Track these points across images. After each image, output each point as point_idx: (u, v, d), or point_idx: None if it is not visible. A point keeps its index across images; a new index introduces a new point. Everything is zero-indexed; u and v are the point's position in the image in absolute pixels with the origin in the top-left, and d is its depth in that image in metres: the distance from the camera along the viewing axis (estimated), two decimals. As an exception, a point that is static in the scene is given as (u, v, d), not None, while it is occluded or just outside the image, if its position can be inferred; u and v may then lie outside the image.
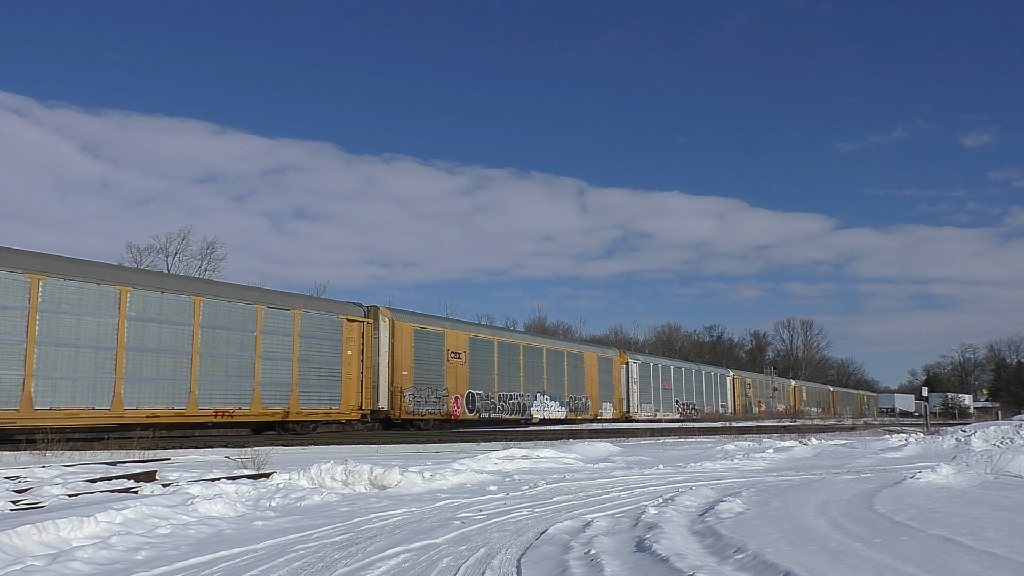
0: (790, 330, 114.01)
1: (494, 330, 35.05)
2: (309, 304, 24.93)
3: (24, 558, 5.81)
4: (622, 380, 44.02)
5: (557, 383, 37.52)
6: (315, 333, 24.32)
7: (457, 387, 30.36)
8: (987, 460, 12.36)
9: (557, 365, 37.71)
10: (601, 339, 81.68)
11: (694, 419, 49.22)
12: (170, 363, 20.37)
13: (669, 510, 8.08)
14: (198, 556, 6.20)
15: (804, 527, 6.88)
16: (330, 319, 25.01)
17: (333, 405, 24.76)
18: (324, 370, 24.54)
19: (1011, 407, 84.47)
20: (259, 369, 22.50)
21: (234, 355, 21.91)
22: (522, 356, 35.03)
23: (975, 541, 6.01)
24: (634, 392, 44.64)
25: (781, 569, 5.10)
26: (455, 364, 30.31)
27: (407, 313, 29.59)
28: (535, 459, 15.12)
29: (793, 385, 75.87)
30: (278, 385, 23.02)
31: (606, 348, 46.86)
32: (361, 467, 11.04)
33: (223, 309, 21.79)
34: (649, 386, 46.64)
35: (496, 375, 32.94)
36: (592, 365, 40.98)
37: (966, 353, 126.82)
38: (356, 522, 7.95)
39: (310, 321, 24.27)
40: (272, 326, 23.08)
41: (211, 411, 21.09)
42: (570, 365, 38.73)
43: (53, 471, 11.16)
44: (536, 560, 6.06)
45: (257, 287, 24.91)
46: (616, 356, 44.52)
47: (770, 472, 13.93)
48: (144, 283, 20.37)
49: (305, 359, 23.89)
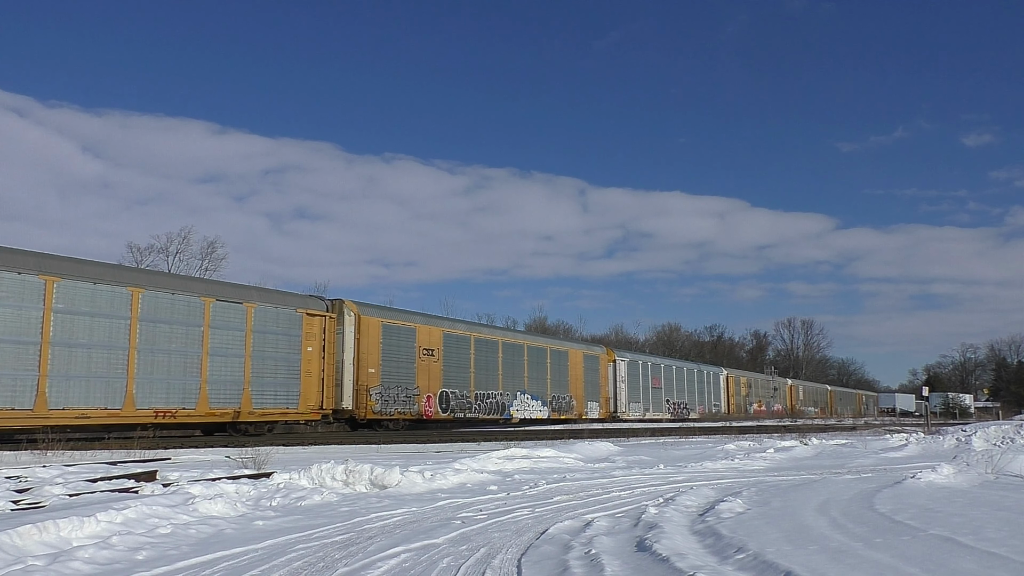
0: (791, 330, 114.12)
1: (470, 326, 33.57)
2: (264, 297, 23.60)
3: (25, 558, 5.81)
4: (609, 379, 42.61)
5: (539, 381, 36.13)
6: (271, 328, 22.91)
7: (429, 385, 28.97)
8: (988, 460, 12.36)
9: (539, 363, 36.34)
10: (601, 339, 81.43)
11: (685, 419, 48.23)
12: (103, 360, 18.92)
13: (669, 510, 8.08)
14: (199, 556, 6.20)
15: (805, 527, 6.88)
16: (287, 313, 23.59)
17: (291, 405, 23.35)
18: (281, 368, 23.14)
19: (1012, 407, 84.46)
20: (206, 366, 21.04)
21: (178, 351, 20.47)
22: (501, 353, 33.50)
23: (976, 541, 6.01)
24: (622, 391, 43.38)
25: (782, 569, 5.10)
26: (427, 361, 28.91)
27: (375, 307, 28.09)
28: (535, 459, 15.13)
29: (790, 384, 75.05)
30: (228, 383, 21.58)
31: (592, 345, 45.41)
32: (361, 467, 11.04)
33: (165, 302, 20.36)
34: (638, 385, 45.33)
35: (472, 373, 31.52)
36: (577, 363, 39.55)
37: (967, 353, 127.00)
38: (357, 522, 7.95)
39: (265, 315, 22.82)
40: (222, 320, 21.60)
41: (150, 411, 19.69)
42: (553, 363, 37.41)
43: (54, 471, 11.17)
44: (536, 560, 6.05)
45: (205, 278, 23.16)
46: (603, 354, 43.09)
47: (770, 472, 13.93)
48: (73, 273, 18.77)
49: (259, 356, 22.45)
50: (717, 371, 59.25)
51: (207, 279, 23.04)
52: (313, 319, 24.32)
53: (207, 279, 23.04)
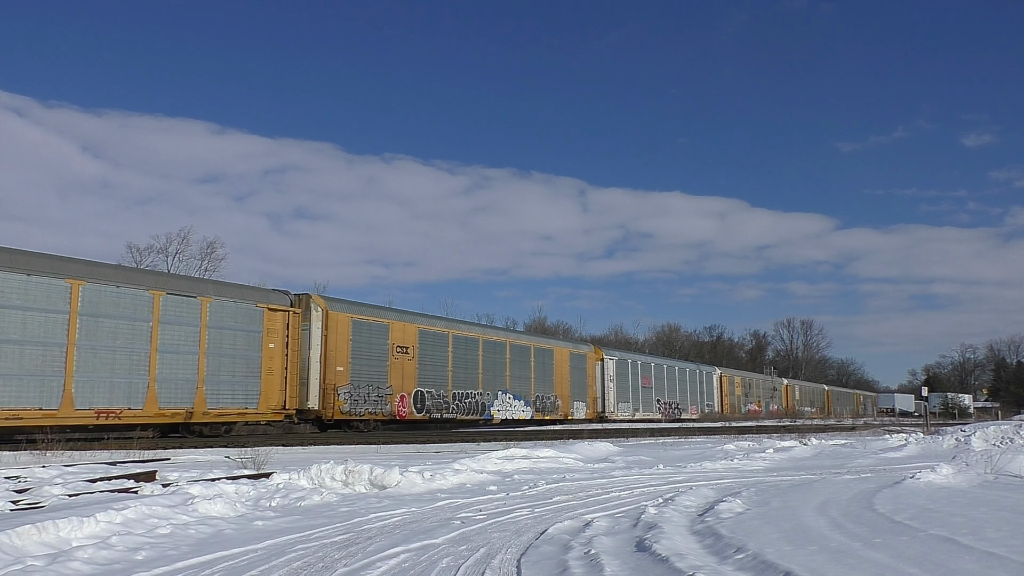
0: (790, 330, 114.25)
1: (449, 322, 32.26)
2: (221, 291, 22.26)
3: (24, 558, 5.81)
4: (597, 378, 41.49)
5: (522, 381, 34.88)
6: (228, 323, 21.76)
7: (403, 384, 27.76)
8: (987, 460, 12.36)
9: (522, 361, 35.07)
10: (601, 339, 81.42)
11: (677, 419, 47.38)
12: (38, 357, 17.91)
13: (669, 510, 8.07)
14: (198, 556, 6.20)
15: (804, 527, 6.88)
16: (247, 308, 22.38)
17: (250, 404, 22.18)
18: (239, 365, 21.95)
19: (1011, 407, 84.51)
20: (155, 364, 19.83)
21: (123, 348, 19.28)
22: (481, 351, 32.24)
23: (975, 541, 6.01)
24: (610, 391, 42.17)
25: (781, 569, 5.10)
26: (401, 359, 27.67)
27: (344, 302, 26.86)
28: (535, 459, 15.13)
29: (786, 384, 74.38)
30: (180, 382, 20.44)
31: (579, 344, 44.29)
32: (361, 467, 11.04)
33: (109, 295, 19.18)
34: (627, 384, 44.15)
35: (450, 371, 30.24)
36: (563, 362, 38.41)
37: (966, 353, 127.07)
38: (356, 522, 7.95)
39: (222, 310, 21.65)
40: (173, 315, 20.42)
41: (92, 412, 18.62)
42: (537, 361, 36.18)
43: (53, 471, 11.16)
44: (536, 560, 6.05)
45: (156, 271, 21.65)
46: (590, 352, 41.96)
47: (770, 472, 13.93)
48: (4, 264, 17.73)
49: (215, 353, 21.28)
50: (710, 370, 58.26)
51: (157, 271, 21.40)
52: (275, 314, 23.18)
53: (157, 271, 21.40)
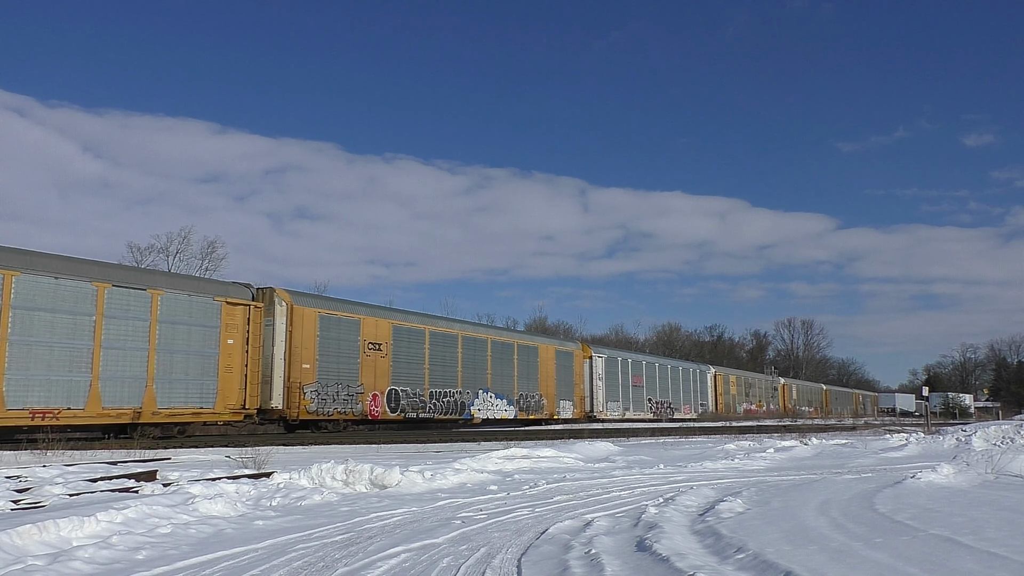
0: (791, 330, 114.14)
1: (425, 318, 30.86)
2: (174, 283, 21.04)
3: (25, 558, 5.81)
4: (585, 376, 40.14)
5: (504, 379, 33.56)
6: (182, 318, 20.41)
7: (376, 383, 26.48)
8: (988, 460, 12.35)
9: (505, 359, 33.80)
10: (601, 339, 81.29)
11: (669, 419, 46.41)
12: None
13: (669, 510, 8.07)
14: (199, 556, 6.20)
15: (805, 527, 6.88)
16: (203, 302, 21.06)
17: (206, 404, 20.90)
18: (194, 363, 20.62)
19: (1012, 407, 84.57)
20: (99, 361, 18.50)
21: (62, 343, 18.00)
22: (461, 348, 30.92)
23: (976, 541, 6.01)
24: (599, 389, 40.94)
25: (782, 569, 5.10)
26: (374, 356, 26.45)
27: (312, 296, 25.89)
28: (535, 459, 15.14)
29: (783, 383, 73.10)
30: (127, 380, 19.09)
31: (566, 341, 42.87)
32: (361, 467, 11.05)
33: (46, 287, 17.84)
34: (616, 383, 42.73)
35: (427, 369, 28.97)
36: (548, 359, 37.12)
37: (967, 353, 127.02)
38: (356, 522, 7.95)
39: (175, 304, 20.29)
40: (120, 309, 19.04)
41: (25, 412, 17.35)
42: (521, 359, 34.89)
43: (54, 471, 11.17)
44: (536, 560, 6.06)
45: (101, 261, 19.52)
46: (577, 349, 40.73)
47: (771, 472, 13.93)
48: None
49: (167, 349, 19.93)
50: (704, 369, 57.12)
51: (102, 262, 19.75)
52: (235, 309, 21.89)
53: (102, 262, 19.75)
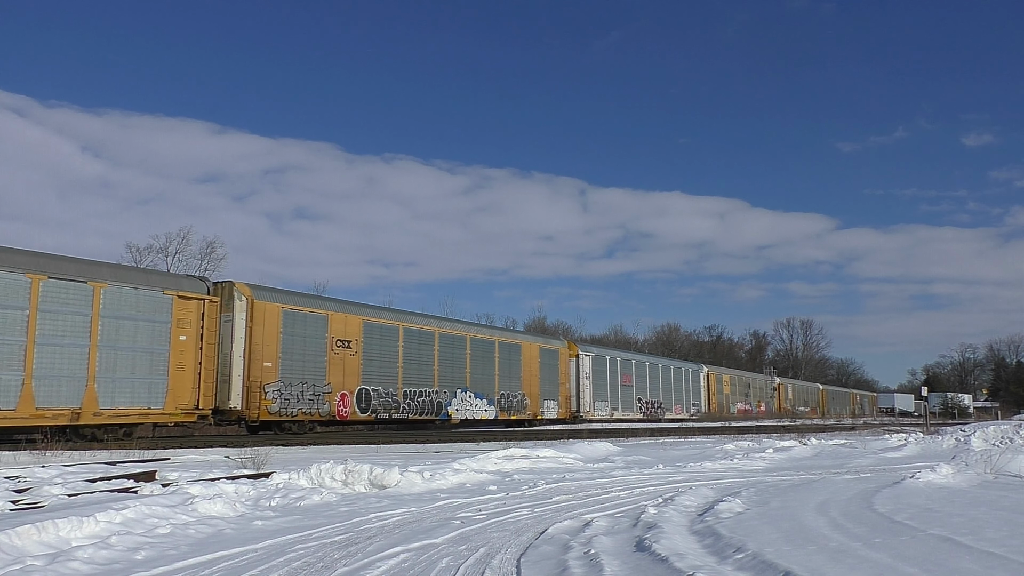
0: (790, 330, 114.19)
1: (399, 315, 29.30)
2: (119, 276, 19.48)
3: (24, 558, 5.81)
4: (571, 375, 38.95)
5: (484, 378, 32.35)
6: (128, 312, 19.11)
7: (344, 382, 25.32)
8: (987, 460, 12.36)
9: (485, 357, 32.61)
10: (600, 339, 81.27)
11: (659, 419, 45.30)
12: None
13: (669, 510, 8.08)
14: (198, 556, 6.20)
15: (804, 527, 6.89)
16: (152, 296, 19.75)
17: (154, 404, 19.67)
18: (142, 360, 19.33)
19: (1011, 407, 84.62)
20: (32, 358, 17.30)
21: None
22: (437, 345, 29.68)
23: (975, 541, 6.01)
24: (586, 389, 39.66)
25: (781, 569, 5.10)
26: (342, 354, 25.24)
27: (275, 291, 24.53)
28: (535, 459, 15.14)
29: (778, 383, 71.43)
30: (66, 379, 17.91)
31: (551, 338, 41.31)
32: (361, 467, 11.05)
33: None
34: (604, 382, 41.49)
35: (401, 368, 27.66)
36: (532, 357, 35.91)
37: (966, 353, 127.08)
38: (356, 522, 7.95)
39: (120, 297, 18.98)
40: (57, 303, 17.79)
41: None
42: (502, 357, 33.66)
43: (53, 471, 11.16)
44: (536, 560, 6.06)
45: (36, 252, 18.37)
46: (563, 347, 39.37)
47: (770, 472, 13.94)
48: None
49: (110, 345, 18.65)
50: (697, 368, 55.70)
51: (36, 252, 18.39)
52: (188, 303, 20.65)
53: (36, 252, 18.39)
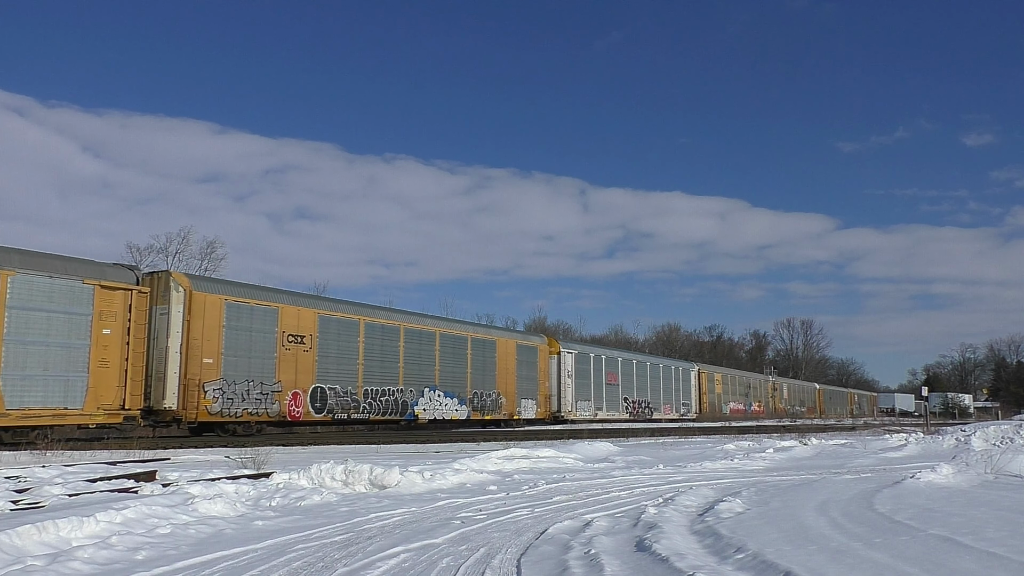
0: (790, 330, 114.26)
1: (359, 308, 27.59)
2: (30, 263, 17.60)
3: (24, 558, 5.81)
4: (552, 373, 37.55)
5: (456, 376, 30.86)
6: (40, 304, 17.45)
7: (297, 380, 23.80)
8: (987, 460, 12.36)
9: (456, 353, 31.10)
10: (600, 339, 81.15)
11: (647, 419, 44.05)
12: None
13: (669, 510, 8.08)
14: (198, 556, 6.20)
15: (804, 527, 6.89)
16: (70, 286, 17.98)
17: (72, 404, 17.95)
18: (57, 355, 17.70)
19: (1011, 407, 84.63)
20: None
21: None
22: (403, 341, 28.11)
23: (975, 541, 6.01)
24: (568, 388, 38.15)
25: (781, 569, 5.10)
26: (295, 350, 23.73)
27: (217, 282, 23.00)
28: (535, 459, 15.15)
29: (772, 381, 70.46)
30: None
31: (529, 335, 39.33)
32: (361, 467, 11.04)
33: None
34: (588, 381, 40.00)
35: (361, 364, 26.09)
36: (508, 354, 34.26)
37: (966, 353, 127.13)
38: (356, 522, 7.95)
39: (31, 287, 17.32)
40: None
41: None
42: (476, 354, 32.19)
43: (53, 471, 11.16)
44: (536, 560, 6.06)
45: None
46: (543, 344, 37.68)
47: (770, 472, 13.94)
48: None
49: (18, 339, 17.01)
50: (687, 367, 54.38)
51: None
52: (112, 294, 18.85)
53: None
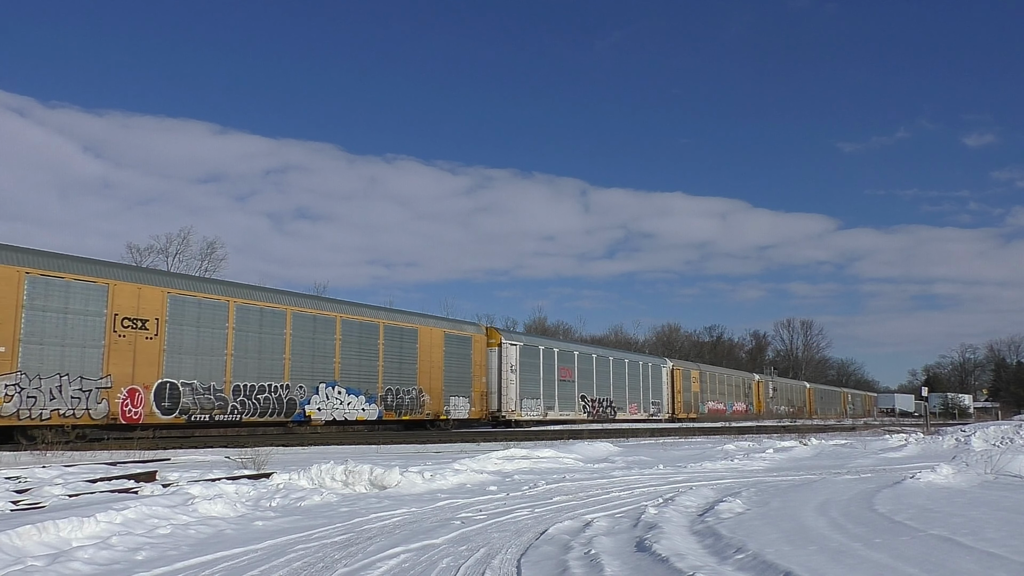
0: (790, 330, 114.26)
1: (230, 288, 23.30)
2: None
3: (24, 558, 5.81)
4: (491, 368, 33.57)
5: (363, 369, 26.65)
6: None
7: (136, 374, 19.79)
8: (987, 460, 12.37)
9: (364, 343, 26.88)
10: (601, 339, 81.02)
11: (610, 420, 40.57)
12: None
13: (669, 510, 8.08)
14: (198, 556, 6.20)
15: (804, 527, 6.89)
16: None
17: None
18: None
19: (1011, 407, 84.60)
20: None
21: None
22: (290, 328, 23.98)
23: (975, 541, 6.02)
24: (511, 384, 33.86)
25: (781, 569, 5.10)
26: (133, 338, 19.73)
27: (15, 250, 18.00)
28: (535, 459, 15.15)
29: (757, 379, 66.75)
30: None
31: (462, 323, 34.53)
32: (361, 467, 11.05)
33: None
34: (537, 376, 35.92)
35: (230, 356, 22.02)
36: (433, 345, 30.13)
37: (966, 353, 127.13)
38: (356, 522, 7.95)
39: None
40: None
41: None
42: (391, 344, 27.98)
43: (53, 471, 11.17)
44: (536, 560, 6.06)
45: None
46: (479, 334, 33.55)
47: (770, 472, 13.94)
48: None
49: None
50: (659, 362, 50.11)
51: None
52: None
53: None
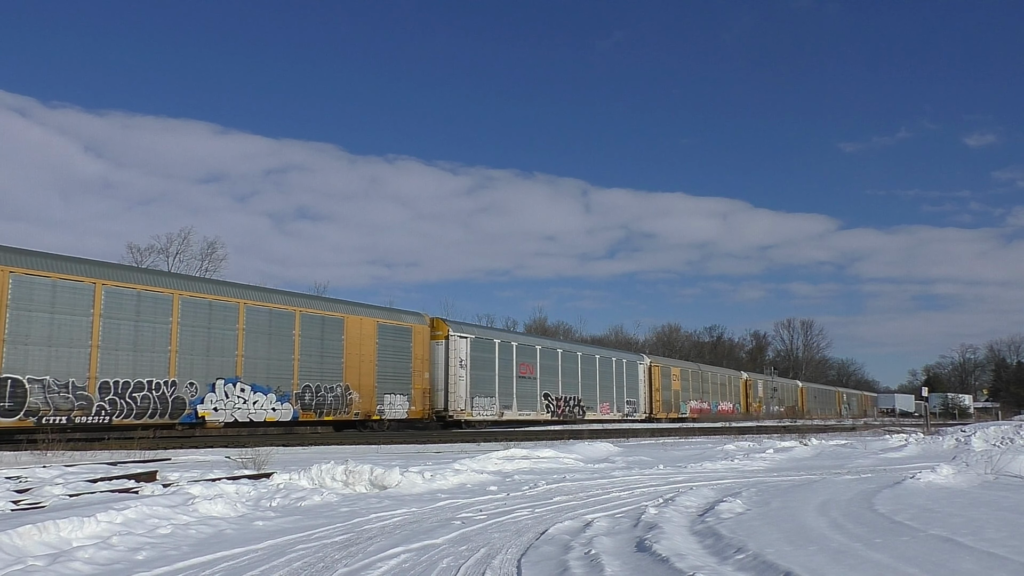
0: (790, 330, 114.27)
1: (97, 268, 20.49)
2: None
3: (25, 558, 5.82)
4: (436, 363, 30.87)
5: (274, 364, 24.12)
6: None
7: None
8: (987, 460, 12.36)
9: (276, 334, 24.27)
10: (600, 339, 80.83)
11: (578, 420, 38.07)
12: None
13: (669, 510, 8.08)
14: (199, 556, 6.21)
15: (804, 527, 6.89)
16: None
17: None
18: None
19: (1011, 407, 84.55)
20: None
21: None
22: (177, 316, 21.45)
23: (975, 541, 6.02)
24: (460, 380, 31.17)
25: (781, 569, 5.10)
26: None
27: None
28: (535, 459, 15.15)
29: (745, 378, 65.15)
30: None
31: (401, 313, 30.83)
32: (361, 467, 11.05)
33: None
34: (491, 373, 33.13)
35: (96, 348, 19.61)
36: (364, 337, 27.30)
37: (966, 353, 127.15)
38: (356, 522, 7.95)
39: None
40: None
41: None
42: (309, 335, 25.28)
43: (54, 471, 11.17)
44: (536, 560, 6.06)
45: None
46: (421, 325, 30.39)
47: (770, 472, 13.93)
48: None
49: None
50: (635, 359, 47.33)
51: None
52: None
53: None
